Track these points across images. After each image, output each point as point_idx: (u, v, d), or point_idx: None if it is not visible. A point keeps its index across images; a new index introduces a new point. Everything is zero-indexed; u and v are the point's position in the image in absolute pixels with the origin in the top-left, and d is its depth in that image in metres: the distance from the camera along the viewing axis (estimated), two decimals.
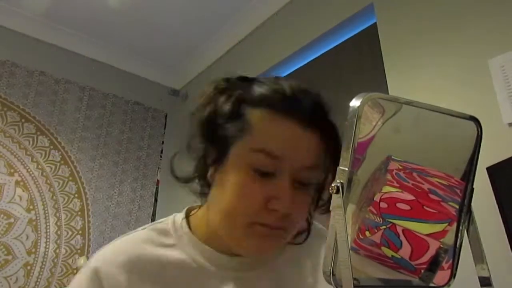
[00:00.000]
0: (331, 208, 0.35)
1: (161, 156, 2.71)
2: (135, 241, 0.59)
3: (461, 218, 0.41)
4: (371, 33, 1.69)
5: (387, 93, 1.50)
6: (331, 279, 0.34)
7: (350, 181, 0.35)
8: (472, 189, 0.41)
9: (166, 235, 0.60)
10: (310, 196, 0.54)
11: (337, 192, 0.34)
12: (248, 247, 0.54)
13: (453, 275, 0.41)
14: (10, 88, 2.27)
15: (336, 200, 0.34)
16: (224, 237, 0.56)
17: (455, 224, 0.41)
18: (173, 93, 2.91)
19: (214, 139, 0.55)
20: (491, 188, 1.15)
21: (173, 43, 2.62)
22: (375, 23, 1.69)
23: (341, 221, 0.33)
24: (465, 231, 0.41)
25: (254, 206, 0.51)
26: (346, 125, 0.35)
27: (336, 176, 0.35)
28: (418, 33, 1.50)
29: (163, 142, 2.76)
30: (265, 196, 0.51)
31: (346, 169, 0.35)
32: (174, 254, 0.58)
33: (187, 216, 0.63)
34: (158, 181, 2.63)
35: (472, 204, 0.41)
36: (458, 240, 0.41)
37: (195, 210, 0.63)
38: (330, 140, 0.54)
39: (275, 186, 0.51)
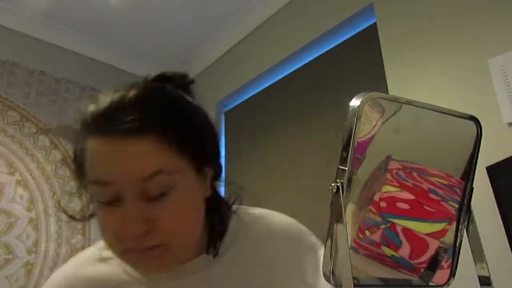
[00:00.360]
0: (331, 207, 0.35)
1: None
2: (75, 261, 0.61)
3: (461, 217, 0.41)
4: (371, 33, 1.69)
5: (387, 92, 1.50)
6: (331, 279, 0.34)
7: (349, 180, 0.35)
8: (472, 189, 0.41)
9: (106, 249, 0.58)
10: (179, 200, 0.49)
11: (337, 191, 0.34)
12: (139, 270, 0.54)
13: (452, 274, 0.41)
14: (10, 88, 2.27)
15: (336, 199, 0.34)
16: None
17: (454, 224, 0.41)
18: None
19: (80, 179, 0.52)
20: (491, 188, 1.15)
21: (173, 43, 2.62)
22: (375, 23, 1.69)
23: (341, 222, 0.34)
24: (465, 231, 0.41)
25: (112, 236, 0.49)
26: (346, 125, 0.35)
27: (336, 176, 0.35)
28: (418, 33, 1.50)
29: None
30: (117, 224, 0.47)
31: (346, 168, 0.35)
32: (109, 268, 0.57)
33: None
34: None
35: (472, 203, 0.42)
36: (458, 239, 0.41)
37: None
38: (171, 134, 0.48)
39: (122, 210, 0.47)
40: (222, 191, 0.60)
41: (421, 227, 0.40)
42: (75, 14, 2.39)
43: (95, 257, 0.59)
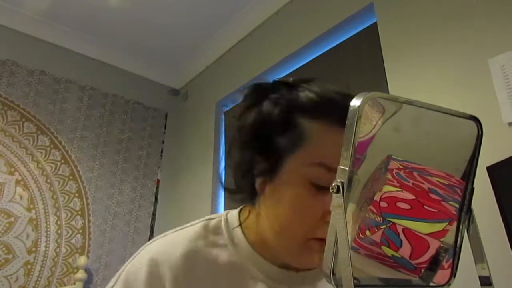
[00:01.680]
0: (331, 207, 0.35)
1: (161, 156, 2.71)
2: (188, 237, 0.59)
3: (461, 217, 0.41)
4: (371, 32, 1.69)
5: (388, 92, 1.50)
6: (332, 279, 0.34)
7: (350, 180, 0.35)
8: (473, 189, 0.41)
9: (218, 234, 0.60)
10: None
11: (337, 191, 0.34)
12: (302, 261, 0.54)
13: (453, 275, 0.41)
14: (10, 87, 2.27)
15: (336, 199, 0.34)
16: (277, 249, 0.55)
17: (455, 224, 0.41)
18: (173, 93, 2.91)
19: (265, 149, 0.53)
20: (491, 188, 1.15)
21: (173, 43, 2.62)
22: (375, 22, 1.69)
23: (341, 220, 0.34)
24: (465, 231, 0.41)
25: (313, 221, 0.50)
26: (347, 125, 0.35)
27: (336, 176, 0.35)
28: (418, 33, 1.50)
29: (163, 142, 2.76)
30: (322, 210, 0.50)
31: (347, 168, 0.35)
32: (224, 255, 0.58)
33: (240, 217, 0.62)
34: (158, 180, 2.63)
35: (473, 203, 0.41)
36: (458, 239, 0.41)
37: (246, 215, 0.62)
38: None
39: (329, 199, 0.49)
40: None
41: (422, 227, 0.40)
42: (75, 13, 2.39)
43: (205, 237, 0.59)
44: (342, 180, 0.34)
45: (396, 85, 1.50)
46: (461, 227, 0.41)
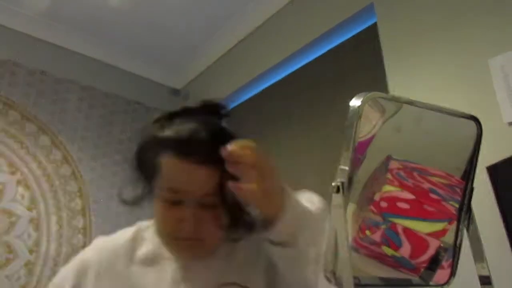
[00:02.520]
0: (331, 207, 0.35)
1: None
2: (122, 233, 0.82)
3: (461, 217, 0.41)
4: (372, 32, 1.70)
5: (388, 92, 1.50)
6: (332, 278, 0.34)
7: (350, 180, 0.35)
8: (472, 188, 0.41)
9: (145, 230, 0.80)
10: (216, 213, 0.68)
11: (338, 191, 0.34)
12: (178, 255, 0.72)
13: (453, 274, 0.41)
14: (11, 88, 2.28)
15: (336, 199, 0.34)
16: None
17: (455, 223, 0.41)
18: (174, 93, 2.91)
19: (142, 173, 0.72)
20: (491, 187, 1.15)
21: (174, 43, 2.62)
22: (376, 22, 1.69)
23: (341, 220, 0.34)
24: (465, 230, 0.41)
25: (169, 227, 0.69)
26: (346, 125, 0.35)
27: (336, 175, 0.35)
28: (418, 33, 1.50)
29: None
30: (176, 219, 0.67)
31: (347, 168, 0.35)
32: (144, 248, 0.76)
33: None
34: None
35: (472, 203, 0.42)
36: (458, 239, 0.41)
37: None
38: (223, 171, 0.63)
39: (182, 211, 0.66)
40: None
41: (422, 227, 0.40)
42: (76, 14, 2.39)
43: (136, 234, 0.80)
44: (342, 180, 0.35)
45: (396, 84, 1.50)
46: (461, 226, 0.41)
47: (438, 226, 0.41)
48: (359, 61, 1.76)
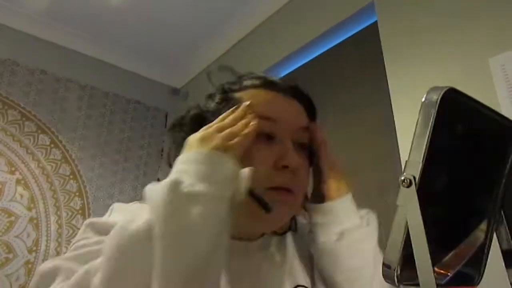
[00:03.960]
0: (397, 202, 0.33)
1: (161, 155, 2.71)
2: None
3: (491, 218, 0.40)
4: (372, 31, 1.69)
5: (387, 92, 1.50)
6: (396, 279, 0.33)
7: (422, 174, 0.33)
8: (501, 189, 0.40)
9: None
10: (306, 159, 0.62)
11: (409, 185, 0.32)
12: (264, 216, 0.55)
13: (481, 275, 0.40)
14: (10, 87, 2.28)
15: (408, 193, 0.32)
16: (238, 216, 0.55)
17: (485, 223, 0.40)
18: (173, 92, 2.91)
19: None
20: None
21: (174, 42, 2.62)
22: (376, 21, 1.68)
23: (416, 216, 0.32)
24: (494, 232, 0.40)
25: (265, 169, 0.55)
26: (421, 118, 0.34)
27: (405, 169, 0.33)
28: (419, 32, 1.50)
29: (163, 141, 2.76)
30: (273, 158, 0.56)
31: (420, 161, 0.33)
32: None
33: None
34: (158, 179, 2.63)
35: None
36: (488, 239, 0.40)
37: None
38: (311, 110, 0.65)
39: (279, 147, 0.57)
40: None
41: None
42: (75, 13, 2.39)
43: None
44: (414, 174, 0.33)
45: (396, 84, 1.50)
46: (491, 228, 0.40)
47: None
48: (359, 60, 1.76)
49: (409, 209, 0.32)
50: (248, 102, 0.58)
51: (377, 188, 1.43)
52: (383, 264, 0.33)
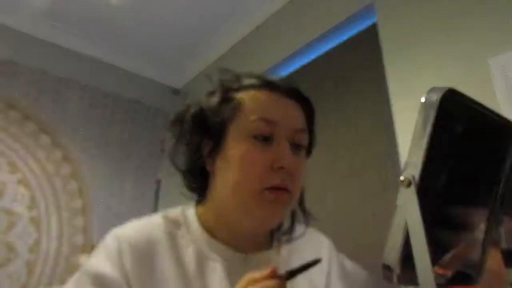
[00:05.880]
0: (397, 202, 0.33)
1: (162, 155, 2.71)
2: (151, 225, 0.64)
3: (490, 219, 0.40)
4: (372, 33, 1.70)
5: (387, 92, 1.50)
6: (395, 278, 0.33)
7: (423, 175, 0.33)
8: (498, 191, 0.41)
9: (178, 226, 0.64)
10: (303, 159, 0.63)
11: (409, 185, 0.33)
12: (260, 216, 0.58)
13: (481, 275, 0.40)
14: (11, 87, 2.28)
15: (407, 193, 0.33)
16: (235, 214, 0.60)
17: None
18: (174, 92, 2.91)
19: (207, 129, 0.62)
20: None
21: (174, 42, 2.62)
22: (375, 22, 1.69)
23: (415, 216, 0.32)
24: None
25: (262, 170, 0.57)
26: (420, 118, 0.33)
27: (404, 169, 0.33)
28: (418, 33, 1.50)
29: (163, 141, 2.76)
30: (270, 160, 0.57)
31: (420, 161, 0.33)
32: (184, 242, 0.62)
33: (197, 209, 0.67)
34: (159, 179, 2.64)
35: None
36: (487, 239, 0.40)
37: (200, 208, 0.67)
38: (309, 112, 0.66)
39: (276, 149, 0.58)
40: None
41: None
42: (76, 13, 2.39)
43: (165, 227, 0.64)
44: (413, 174, 0.33)
45: (396, 85, 1.51)
46: (491, 227, 0.40)
47: None
48: (359, 61, 1.76)
49: (408, 209, 0.32)
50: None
51: (377, 188, 1.44)
52: (383, 265, 0.33)
